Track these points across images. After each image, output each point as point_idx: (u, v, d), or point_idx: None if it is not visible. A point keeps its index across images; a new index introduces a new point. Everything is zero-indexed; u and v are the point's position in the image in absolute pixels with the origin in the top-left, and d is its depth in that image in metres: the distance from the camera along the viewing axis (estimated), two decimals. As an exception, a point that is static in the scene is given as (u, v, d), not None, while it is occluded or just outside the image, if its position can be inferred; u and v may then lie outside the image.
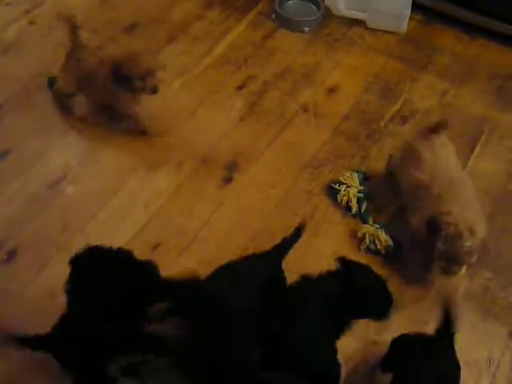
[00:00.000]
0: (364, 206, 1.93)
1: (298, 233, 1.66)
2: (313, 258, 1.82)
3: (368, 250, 1.84)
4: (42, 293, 1.72)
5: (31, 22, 2.52)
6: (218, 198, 1.96)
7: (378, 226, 1.86)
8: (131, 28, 2.49)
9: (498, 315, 1.74)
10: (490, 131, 2.18)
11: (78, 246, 1.79)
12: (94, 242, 1.81)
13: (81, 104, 2.12)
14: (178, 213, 1.92)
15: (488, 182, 2.03)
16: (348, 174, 1.98)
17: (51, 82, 2.20)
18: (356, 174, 1.98)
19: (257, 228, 1.89)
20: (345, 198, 1.93)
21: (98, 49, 2.35)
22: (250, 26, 2.53)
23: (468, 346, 1.67)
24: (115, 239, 1.83)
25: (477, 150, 2.12)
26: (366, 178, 2.00)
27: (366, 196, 1.95)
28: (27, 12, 2.56)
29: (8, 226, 1.88)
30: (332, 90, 2.28)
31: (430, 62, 2.41)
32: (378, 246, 1.83)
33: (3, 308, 1.69)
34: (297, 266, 1.78)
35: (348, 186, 1.94)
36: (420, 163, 1.77)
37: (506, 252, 1.88)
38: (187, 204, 1.94)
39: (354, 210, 1.92)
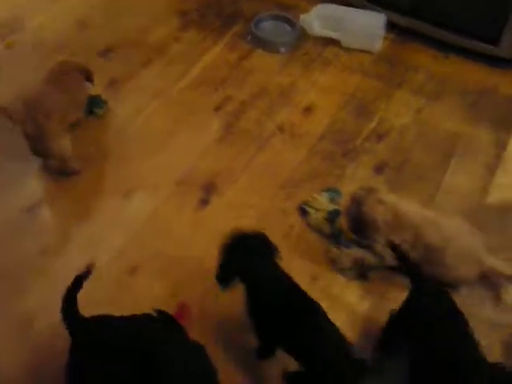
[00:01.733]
0: (336, 225, 1.93)
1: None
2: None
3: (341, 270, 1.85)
4: (21, 318, 1.71)
5: (9, 47, 2.53)
6: (196, 219, 1.95)
7: (349, 244, 1.88)
8: (107, 51, 2.50)
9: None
10: (464, 147, 2.20)
11: (56, 271, 1.83)
12: (72, 264, 1.83)
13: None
14: (155, 236, 1.91)
15: (463, 197, 2.05)
16: (317, 197, 1.98)
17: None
18: (326, 194, 1.99)
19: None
20: (314, 221, 1.94)
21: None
22: (226, 47, 2.55)
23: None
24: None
25: (451, 165, 2.14)
26: (339, 195, 2.01)
27: (338, 214, 1.95)
28: (5, 37, 2.58)
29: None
30: (308, 110, 2.30)
31: (405, 79, 2.44)
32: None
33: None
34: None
35: (317, 210, 1.96)
36: None
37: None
38: (164, 227, 1.93)
39: (327, 231, 1.93)
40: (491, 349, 1.68)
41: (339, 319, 1.72)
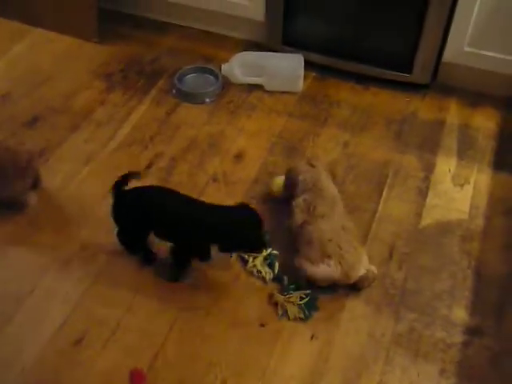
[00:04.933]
0: (276, 269, 1.94)
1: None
2: (237, 326, 1.82)
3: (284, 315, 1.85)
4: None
5: None
6: (137, 281, 1.93)
7: (292, 286, 1.89)
8: (33, 121, 2.48)
9: (427, 355, 1.77)
10: (393, 174, 2.26)
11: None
12: (14, 344, 1.78)
13: None
14: (98, 303, 1.87)
15: (399, 224, 2.09)
16: None
17: None
18: None
19: (179, 307, 1.86)
20: (254, 268, 1.95)
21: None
22: (152, 103, 2.57)
23: (403, 391, 1.70)
24: (34, 340, 1.79)
25: (384, 194, 2.19)
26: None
27: (275, 256, 1.97)
28: None
29: None
30: (238, 156, 2.33)
31: (330, 115, 2.50)
32: (290, 317, 1.83)
33: None
34: (223, 336, 1.80)
35: (255, 257, 1.96)
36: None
37: (426, 289, 1.92)
38: (106, 293, 1.90)
39: (268, 276, 1.93)
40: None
41: (292, 361, 1.74)
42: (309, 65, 2.63)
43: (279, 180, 2.11)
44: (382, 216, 2.12)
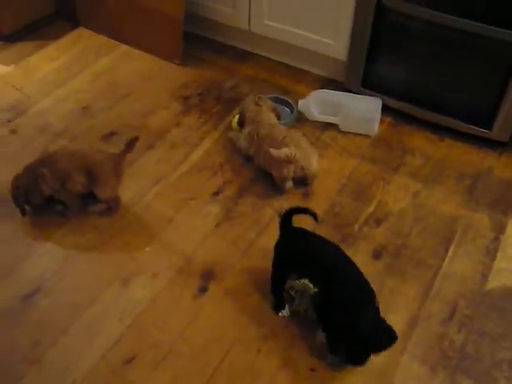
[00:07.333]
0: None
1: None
2: (287, 367, 1.80)
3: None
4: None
5: (13, 131, 2.58)
6: (193, 309, 1.94)
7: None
8: (110, 136, 2.56)
9: (480, 425, 1.71)
10: (462, 231, 2.21)
11: (49, 362, 1.80)
12: (67, 356, 1.81)
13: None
14: (153, 325, 1.89)
15: (463, 284, 2.04)
16: (299, 283, 1.95)
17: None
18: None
19: (232, 339, 1.86)
20: (301, 307, 1.93)
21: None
22: (226, 131, 2.60)
23: None
24: (87, 354, 1.82)
25: (450, 251, 2.14)
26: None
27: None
28: (9, 121, 2.64)
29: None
30: (306, 194, 2.32)
31: (402, 163, 2.47)
32: None
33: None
34: (272, 375, 1.77)
35: (302, 293, 1.94)
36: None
37: (485, 356, 1.85)
38: (162, 316, 1.92)
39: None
40: None
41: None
42: (385, 109, 2.62)
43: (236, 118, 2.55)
44: (446, 273, 2.07)
